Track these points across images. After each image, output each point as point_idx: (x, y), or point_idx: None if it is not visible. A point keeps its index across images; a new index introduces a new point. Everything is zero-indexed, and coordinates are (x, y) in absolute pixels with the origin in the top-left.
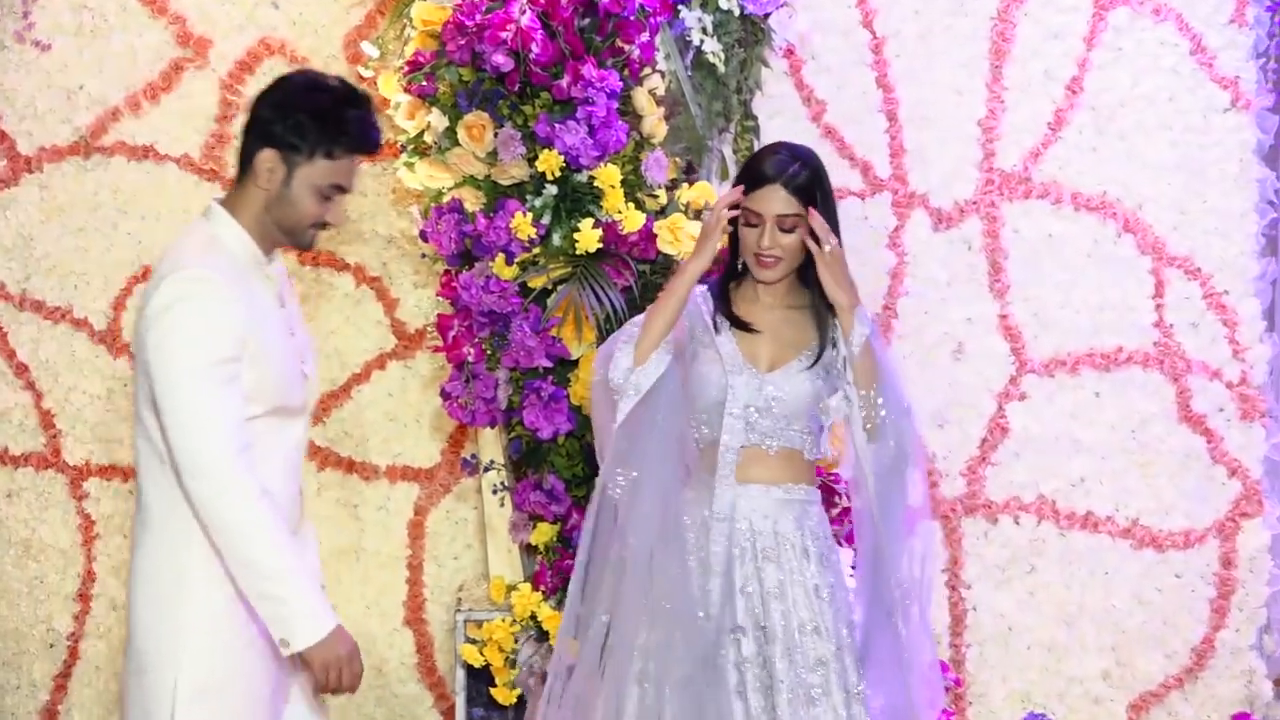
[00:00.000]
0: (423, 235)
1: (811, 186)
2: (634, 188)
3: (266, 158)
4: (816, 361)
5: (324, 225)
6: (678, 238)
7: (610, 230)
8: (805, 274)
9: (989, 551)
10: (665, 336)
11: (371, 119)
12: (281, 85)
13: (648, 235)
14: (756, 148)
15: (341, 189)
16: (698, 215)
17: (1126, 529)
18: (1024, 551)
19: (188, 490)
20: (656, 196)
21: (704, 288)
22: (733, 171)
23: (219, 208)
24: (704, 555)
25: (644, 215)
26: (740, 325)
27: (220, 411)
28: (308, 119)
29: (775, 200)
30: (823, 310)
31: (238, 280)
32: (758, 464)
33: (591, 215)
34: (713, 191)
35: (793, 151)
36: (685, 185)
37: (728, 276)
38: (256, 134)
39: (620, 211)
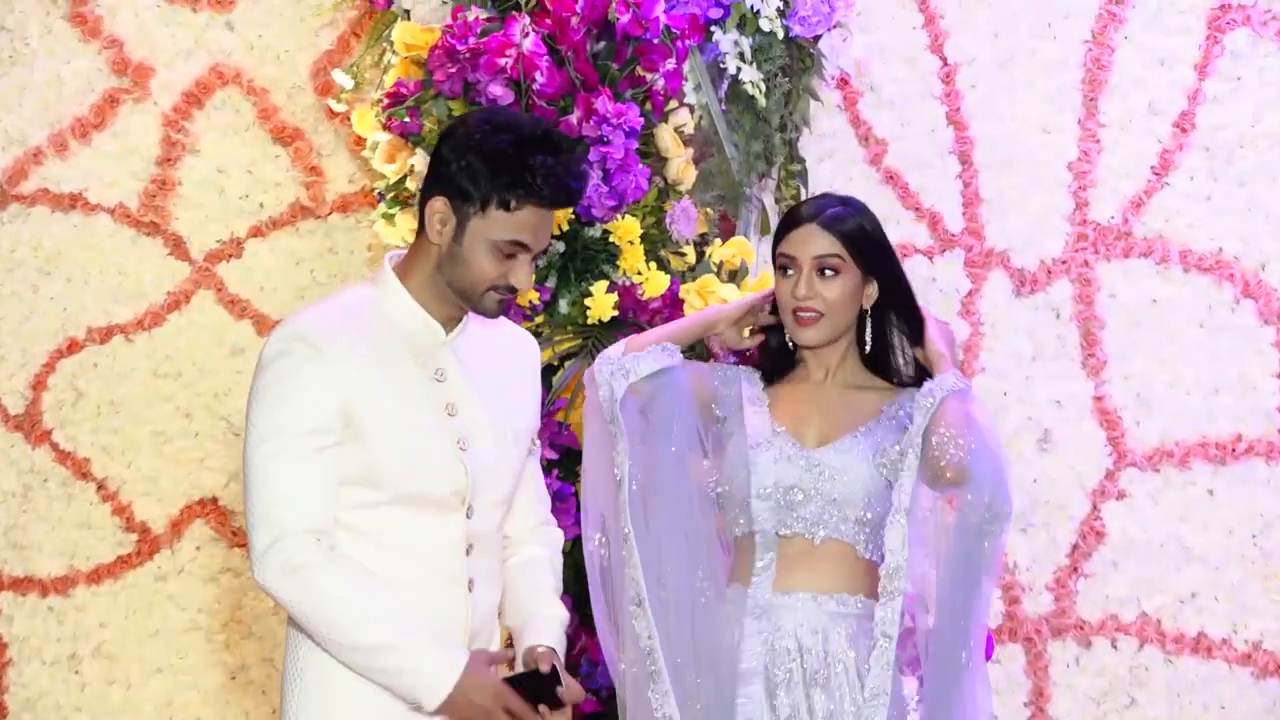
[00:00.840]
0: None
1: (860, 234)
2: (657, 244)
3: (437, 207)
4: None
5: (511, 290)
6: (708, 304)
7: (628, 295)
8: (870, 352)
9: (1081, 681)
10: (664, 341)
11: (567, 165)
12: (463, 122)
13: (673, 301)
14: (803, 195)
15: (524, 246)
16: (732, 277)
17: (1246, 654)
18: (1123, 681)
19: (258, 582)
20: (683, 255)
21: (747, 368)
22: (775, 224)
23: (388, 269)
24: (735, 669)
25: (668, 277)
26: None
27: (292, 489)
28: (481, 162)
29: (812, 240)
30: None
31: (362, 344)
32: (803, 563)
33: (606, 277)
34: (751, 249)
35: (838, 197)
36: (718, 241)
37: (773, 366)
38: (431, 179)
39: (640, 273)
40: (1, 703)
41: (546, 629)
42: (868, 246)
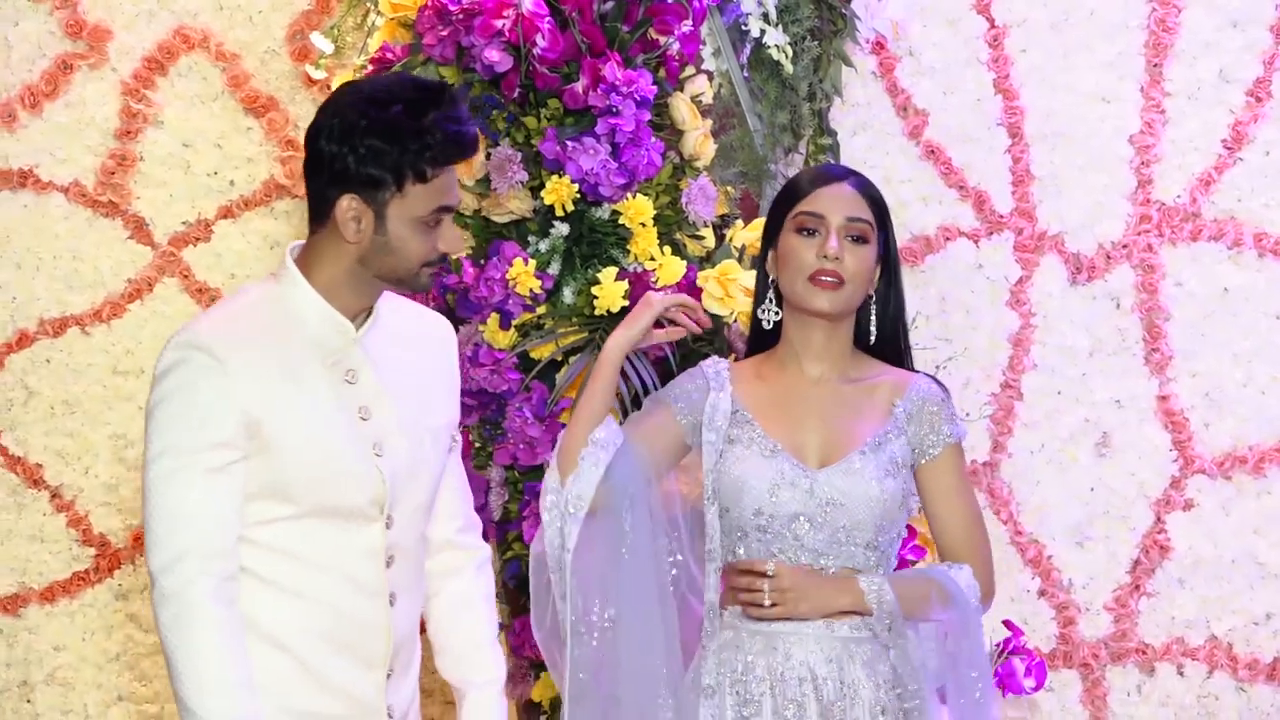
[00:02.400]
0: None
1: (885, 209)
2: (671, 226)
3: (347, 205)
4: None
5: (441, 259)
6: (729, 292)
7: (640, 283)
8: (868, 331)
9: (1143, 712)
10: (592, 429)
11: (456, 113)
12: (335, 108)
13: (689, 289)
14: None
15: (448, 209)
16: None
17: None
18: (1190, 711)
19: (154, 614)
20: (701, 238)
21: (721, 361)
22: None
23: (291, 265)
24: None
25: (685, 263)
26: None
27: (189, 511)
28: (383, 143)
29: (846, 201)
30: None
31: (266, 350)
32: None
33: (615, 263)
34: None
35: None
36: (739, 223)
37: (750, 348)
38: (326, 177)
39: (653, 258)
40: None
41: (488, 715)
42: (888, 226)
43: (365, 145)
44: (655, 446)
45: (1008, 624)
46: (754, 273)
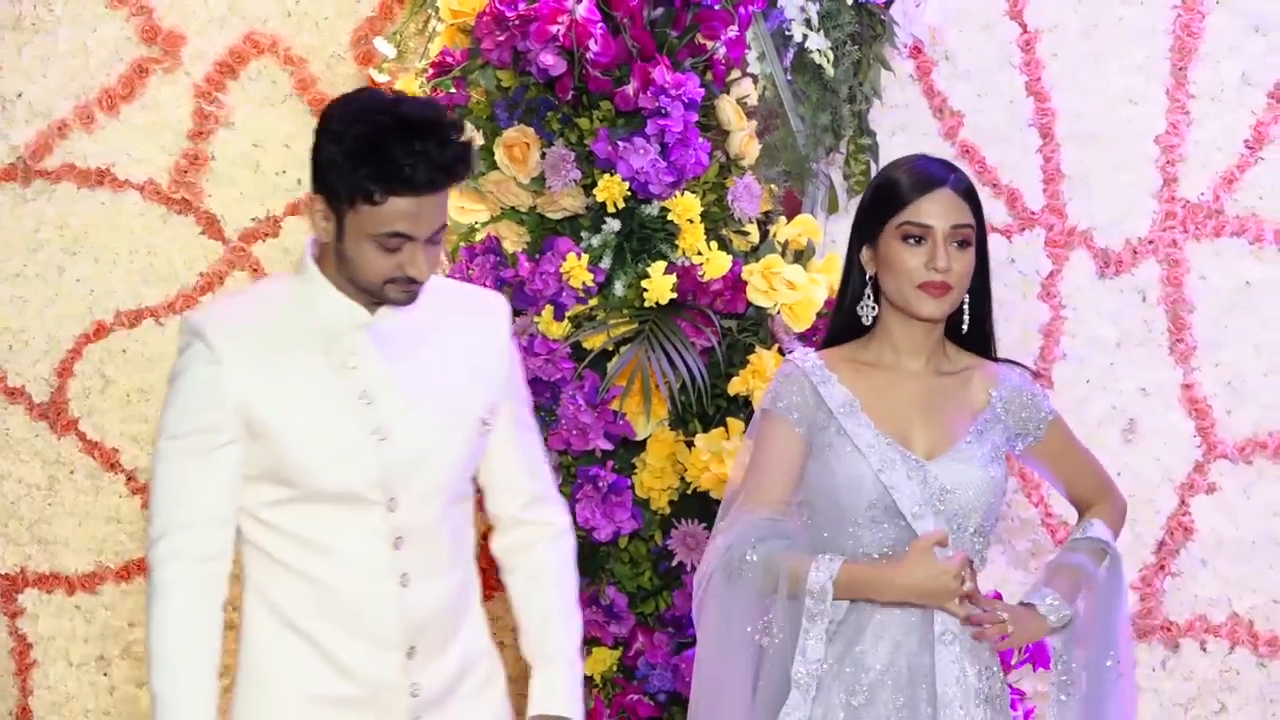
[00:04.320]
0: None
1: (979, 204)
2: (718, 223)
3: (315, 204)
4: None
5: (410, 281)
6: (773, 285)
7: (688, 276)
8: (961, 326)
9: (1168, 686)
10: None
11: (423, 147)
12: (335, 109)
13: (735, 282)
14: (873, 171)
15: (404, 236)
16: (798, 257)
17: None
18: (1212, 686)
19: None
20: (746, 234)
21: (809, 353)
22: (844, 201)
23: (308, 256)
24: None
25: (730, 257)
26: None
27: (175, 490)
28: (342, 157)
29: (951, 207)
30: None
31: (262, 337)
32: None
33: (664, 257)
34: (818, 227)
35: (940, 160)
36: (782, 220)
37: (834, 338)
38: (312, 172)
39: (700, 253)
40: (26, 706)
41: (552, 689)
42: (982, 220)
43: (330, 154)
44: (794, 471)
45: None
46: (797, 267)
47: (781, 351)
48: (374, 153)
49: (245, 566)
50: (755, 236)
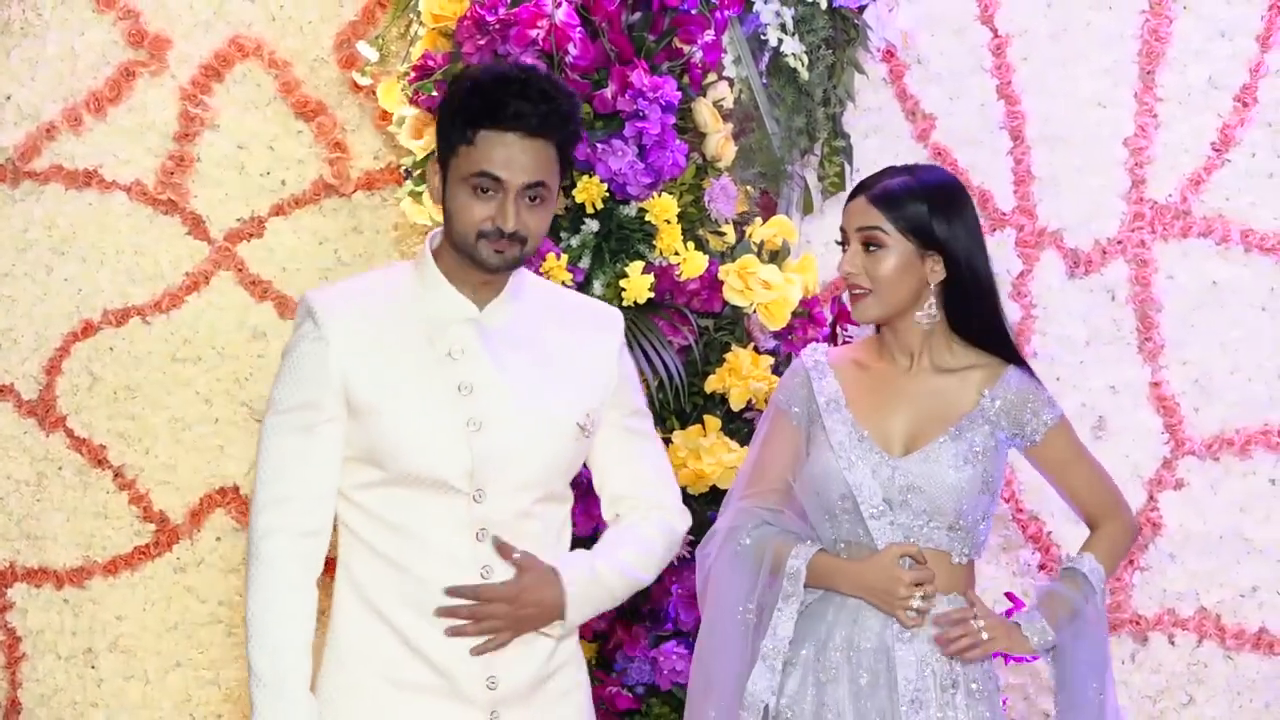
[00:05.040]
0: None
1: (910, 206)
2: (695, 223)
3: (433, 169)
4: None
5: (501, 234)
6: (749, 285)
7: (665, 276)
8: (960, 320)
9: (1136, 679)
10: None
11: (521, 88)
12: (454, 79)
13: (711, 282)
14: (848, 172)
15: (493, 179)
16: (773, 257)
17: None
18: (1181, 679)
19: None
20: (723, 234)
21: (819, 348)
22: (819, 203)
23: (426, 246)
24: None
25: (707, 257)
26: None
27: (275, 465)
28: (446, 110)
29: (857, 212)
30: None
31: (370, 321)
32: None
33: (642, 257)
34: (793, 228)
35: (907, 167)
36: (758, 221)
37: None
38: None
39: (678, 253)
40: (16, 698)
41: (569, 560)
42: (919, 219)
43: (442, 113)
44: (793, 463)
45: (1010, 596)
46: (772, 267)
47: (758, 350)
48: (471, 96)
49: (339, 548)
50: (731, 237)
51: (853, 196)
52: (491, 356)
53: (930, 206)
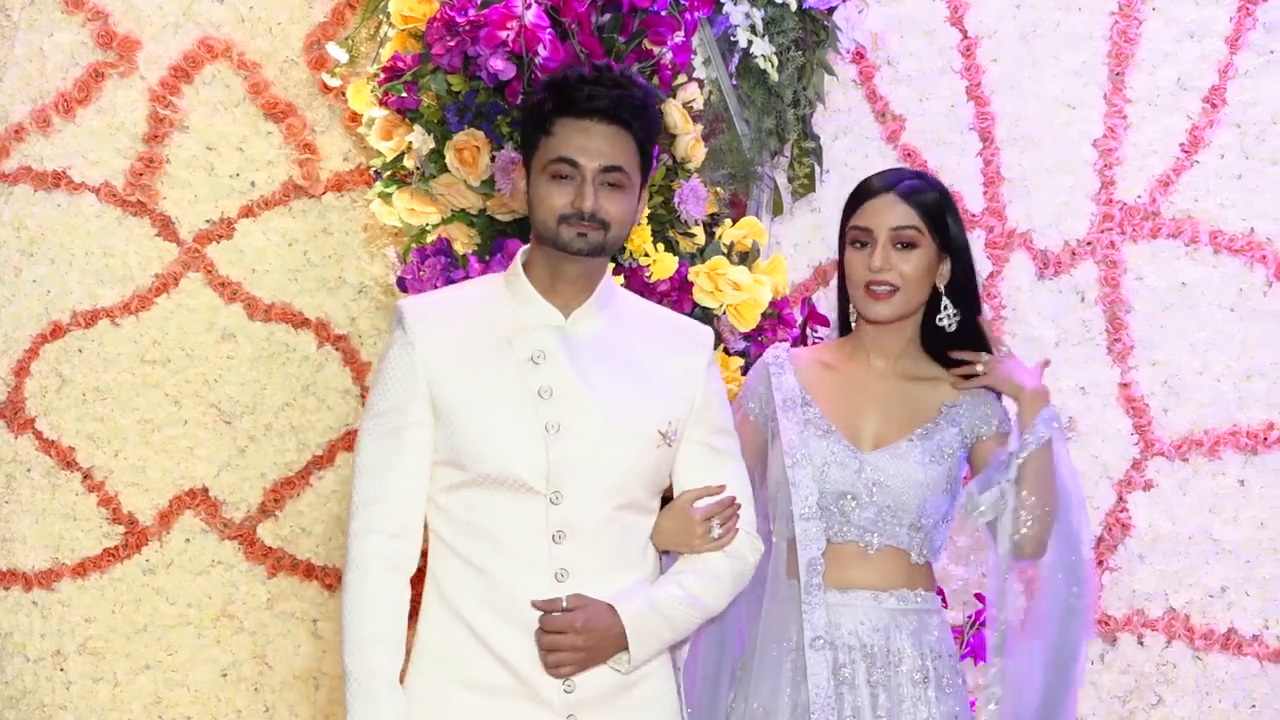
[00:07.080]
0: (400, 283)
1: (937, 208)
2: (664, 224)
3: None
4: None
5: (581, 216)
6: (719, 287)
7: (635, 277)
8: (929, 337)
9: (1105, 679)
10: None
11: (596, 77)
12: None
13: (681, 284)
14: (818, 173)
15: (571, 163)
16: (743, 259)
17: (1278, 650)
18: (1150, 679)
19: None
20: (693, 235)
21: (780, 347)
22: (789, 204)
23: (517, 262)
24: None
25: (677, 259)
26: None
27: (368, 470)
28: (527, 109)
29: (889, 210)
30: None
31: (455, 328)
32: (858, 565)
33: (612, 258)
34: (762, 229)
35: (912, 170)
36: (728, 222)
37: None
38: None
39: (647, 254)
40: None
41: (625, 592)
42: (944, 221)
43: (523, 113)
44: (752, 460)
45: (979, 597)
46: (742, 269)
47: (727, 351)
48: (548, 90)
49: (429, 554)
50: (701, 238)
51: (870, 196)
52: (572, 362)
53: (947, 209)
